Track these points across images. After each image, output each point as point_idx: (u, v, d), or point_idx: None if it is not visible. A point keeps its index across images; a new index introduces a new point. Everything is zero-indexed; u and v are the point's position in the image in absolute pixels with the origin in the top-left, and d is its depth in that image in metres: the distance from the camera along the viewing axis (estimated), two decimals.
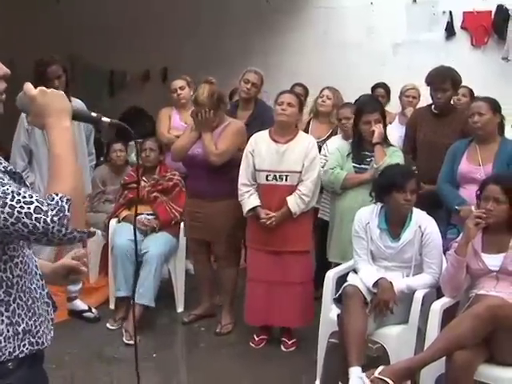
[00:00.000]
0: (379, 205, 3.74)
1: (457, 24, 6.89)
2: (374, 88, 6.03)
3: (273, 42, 7.71)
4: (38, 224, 1.37)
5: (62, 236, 1.40)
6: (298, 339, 4.32)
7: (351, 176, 4.23)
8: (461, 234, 3.49)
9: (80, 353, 4.16)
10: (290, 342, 4.30)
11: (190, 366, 4.21)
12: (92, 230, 1.51)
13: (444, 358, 3.11)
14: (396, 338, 3.55)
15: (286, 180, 4.12)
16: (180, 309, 4.93)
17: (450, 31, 6.88)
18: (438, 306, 3.40)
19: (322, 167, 4.38)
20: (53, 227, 1.38)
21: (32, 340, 1.56)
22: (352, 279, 3.68)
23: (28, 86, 1.58)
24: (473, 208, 3.59)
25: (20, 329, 1.53)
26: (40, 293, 1.61)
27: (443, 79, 4.34)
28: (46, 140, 4.43)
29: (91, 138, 4.76)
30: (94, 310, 4.79)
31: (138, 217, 4.82)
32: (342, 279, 3.86)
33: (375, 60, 7.07)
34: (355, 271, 3.78)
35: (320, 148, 4.63)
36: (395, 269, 3.68)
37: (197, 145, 4.41)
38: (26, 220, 1.37)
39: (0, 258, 1.50)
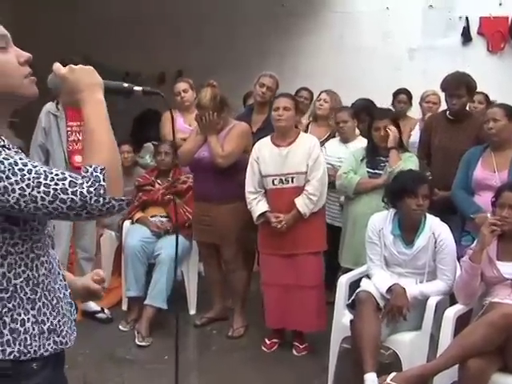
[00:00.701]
0: (393, 210, 3.73)
1: (473, 29, 6.87)
2: (396, 94, 6.02)
3: (288, 44, 7.71)
4: (75, 197, 1.36)
5: (100, 206, 1.39)
6: (310, 344, 4.31)
7: (364, 181, 4.24)
8: (475, 241, 3.48)
9: (92, 353, 4.17)
10: (301, 347, 4.29)
11: (201, 369, 4.21)
12: (129, 197, 1.48)
13: (457, 365, 3.09)
14: (409, 345, 3.53)
15: (292, 182, 4.13)
16: (192, 311, 4.94)
17: (466, 37, 6.86)
18: (451, 313, 3.39)
19: None
20: (90, 198, 1.37)
21: (56, 339, 1.55)
22: (365, 285, 3.67)
23: (57, 65, 1.59)
24: (488, 215, 3.57)
25: (45, 327, 1.53)
26: (63, 293, 1.61)
27: (458, 85, 4.32)
28: (61, 140, 4.48)
29: None
30: (106, 311, 4.81)
31: (152, 219, 4.85)
32: (354, 284, 3.85)
33: (391, 65, 7.06)
34: (368, 277, 3.77)
35: None
36: (409, 275, 3.67)
37: (203, 148, 4.43)
38: (62, 196, 1.36)
39: (28, 256, 1.50)
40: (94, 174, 1.39)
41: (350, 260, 4.35)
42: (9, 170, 1.36)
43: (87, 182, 1.38)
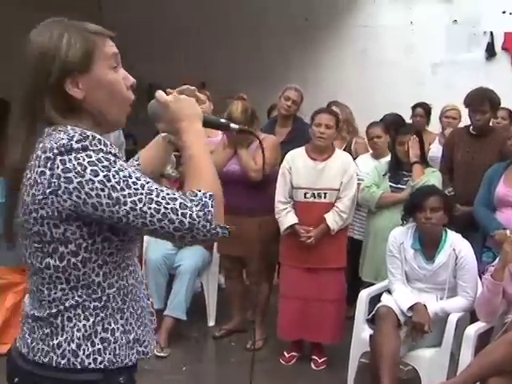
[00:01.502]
0: (414, 225, 3.72)
1: (498, 44, 6.81)
2: (414, 107, 6.01)
3: (311, 58, 7.73)
4: (184, 219, 1.36)
5: (206, 232, 1.39)
6: (329, 358, 4.29)
7: (387, 195, 4.24)
8: (497, 259, 3.45)
9: None
10: (320, 361, 4.27)
11: (218, 381, 4.22)
12: (233, 227, 1.50)
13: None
14: (429, 361, 3.51)
15: (325, 197, 4.11)
16: (211, 323, 4.94)
17: (490, 52, 6.81)
18: (472, 331, 3.36)
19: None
20: (198, 222, 1.37)
21: (139, 349, 1.56)
22: (386, 300, 3.66)
23: (160, 93, 1.61)
24: (508, 232, 3.54)
25: (131, 337, 1.53)
26: (146, 302, 1.62)
27: (481, 101, 4.31)
28: None
29: (122, 150, 4.82)
30: None
31: None
32: (375, 299, 3.84)
33: (413, 79, 7.04)
34: (389, 291, 3.75)
35: None
36: (429, 291, 3.65)
37: (232, 161, 4.42)
38: (172, 216, 1.36)
39: (119, 266, 1.51)
40: (204, 199, 1.40)
41: (371, 274, 4.34)
42: (123, 181, 1.37)
43: (196, 206, 1.38)
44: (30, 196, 1.41)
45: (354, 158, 5.11)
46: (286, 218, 4.16)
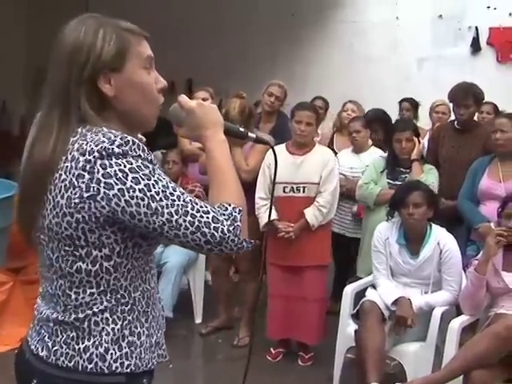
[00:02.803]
0: (399, 220, 3.72)
1: (483, 40, 6.88)
2: (400, 102, 6.03)
3: (298, 54, 7.75)
4: (215, 233, 1.37)
5: (233, 246, 1.40)
6: (316, 354, 4.29)
7: (385, 192, 4.21)
8: (481, 252, 3.46)
9: None
10: (306, 357, 4.27)
11: (205, 378, 4.22)
12: (257, 241, 1.51)
13: (461, 376, 3.07)
14: (413, 356, 3.52)
15: (304, 192, 4.10)
16: (198, 320, 4.93)
17: (475, 47, 6.86)
18: (456, 324, 3.37)
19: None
20: (228, 237, 1.38)
21: (159, 352, 1.55)
22: (370, 295, 3.67)
23: (185, 98, 1.58)
24: (492, 225, 3.55)
25: (153, 340, 1.53)
26: (161, 305, 1.62)
27: (465, 95, 4.31)
28: None
29: None
30: None
31: None
32: (361, 294, 3.84)
33: (400, 74, 7.08)
34: (374, 286, 3.76)
35: None
36: (414, 285, 3.66)
37: None
38: (205, 229, 1.36)
39: (143, 269, 1.50)
40: (234, 213, 1.41)
41: (367, 270, 4.32)
42: (162, 192, 1.36)
43: (227, 221, 1.39)
44: (64, 198, 1.37)
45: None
46: (266, 214, 4.11)
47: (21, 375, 1.54)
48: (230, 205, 1.42)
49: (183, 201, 1.37)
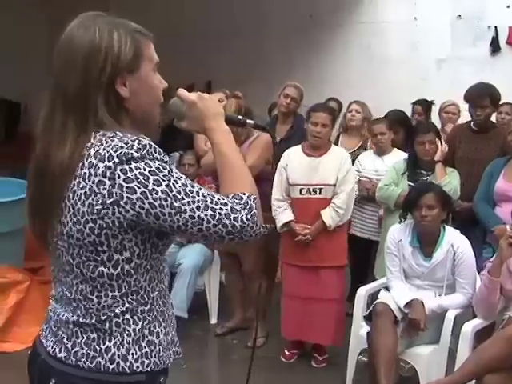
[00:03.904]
0: (412, 222, 3.70)
1: (502, 39, 6.78)
2: (413, 105, 5.98)
3: (316, 55, 7.74)
4: (236, 224, 1.40)
5: (253, 233, 1.43)
6: (330, 356, 4.28)
7: (406, 193, 4.18)
8: (495, 254, 3.43)
9: None
10: (321, 358, 4.26)
11: (219, 378, 4.23)
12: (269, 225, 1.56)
13: (473, 381, 3.05)
14: (426, 359, 3.50)
15: (320, 193, 4.09)
16: (213, 320, 4.95)
17: (495, 47, 6.77)
18: (469, 328, 3.34)
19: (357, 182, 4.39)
20: (248, 225, 1.41)
21: (174, 349, 1.57)
22: (383, 297, 3.65)
23: (184, 91, 1.61)
24: (508, 227, 3.51)
25: (169, 338, 1.55)
26: (171, 303, 1.65)
27: (482, 96, 4.27)
28: None
29: None
30: None
31: None
32: (375, 296, 3.83)
33: (418, 75, 7.02)
34: (387, 289, 3.74)
35: (352, 161, 4.61)
36: (427, 288, 3.63)
37: None
38: (225, 221, 1.39)
39: (159, 269, 1.52)
40: (249, 202, 1.44)
41: (384, 272, 4.30)
42: (182, 190, 1.38)
43: (244, 210, 1.42)
44: (85, 206, 1.38)
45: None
46: (282, 215, 4.15)
47: (36, 375, 1.55)
48: (244, 194, 1.46)
49: (202, 196, 1.39)
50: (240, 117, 1.80)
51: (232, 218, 1.40)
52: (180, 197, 1.37)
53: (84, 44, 1.42)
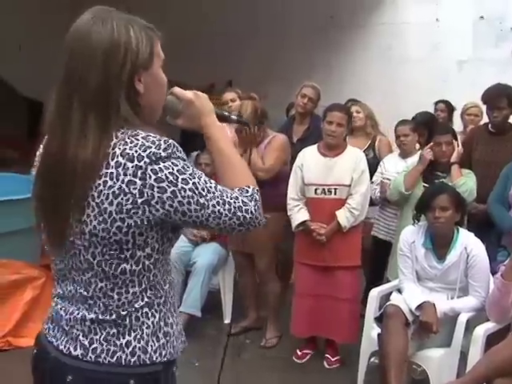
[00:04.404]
0: (425, 224, 3.67)
1: None
2: (436, 103, 5.95)
3: (336, 56, 7.70)
4: (247, 215, 1.48)
5: (258, 223, 1.51)
6: (342, 356, 4.27)
7: (410, 171, 4.20)
8: (509, 258, 3.39)
9: None
10: (333, 359, 4.25)
11: (229, 377, 4.20)
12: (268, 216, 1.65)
13: None
14: (438, 362, 3.47)
15: (335, 194, 4.08)
16: (227, 320, 4.96)
17: None
18: (481, 331, 3.31)
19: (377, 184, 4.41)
20: (256, 216, 1.50)
21: (183, 339, 1.61)
22: (395, 298, 3.63)
23: (180, 90, 1.65)
24: None
25: (179, 328, 1.59)
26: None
27: (499, 97, 4.23)
28: None
29: None
30: None
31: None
32: (388, 298, 3.80)
33: (439, 77, 6.95)
34: (399, 290, 3.72)
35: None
36: (440, 290, 3.60)
37: None
38: (239, 213, 1.47)
39: (167, 262, 1.56)
40: (254, 194, 1.53)
41: (397, 274, 4.28)
42: (205, 187, 1.44)
43: (251, 202, 1.51)
44: (113, 205, 1.38)
45: (376, 157, 5.09)
46: (298, 214, 4.15)
47: (46, 374, 1.54)
48: (249, 187, 1.54)
49: (219, 191, 1.46)
50: (225, 112, 1.85)
51: (244, 210, 1.47)
52: (204, 193, 1.43)
53: (103, 39, 1.41)
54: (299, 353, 4.33)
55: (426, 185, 4.17)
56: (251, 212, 1.48)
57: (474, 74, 6.77)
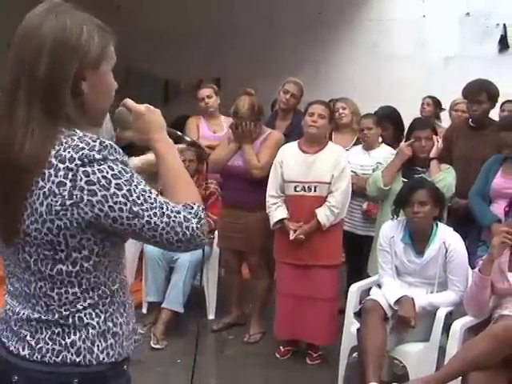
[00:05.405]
0: (404, 219, 3.67)
1: (511, 37, 6.71)
2: (423, 99, 5.97)
3: (323, 53, 7.70)
4: (187, 232, 1.41)
5: (199, 242, 1.44)
6: (325, 353, 4.26)
7: (388, 166, 4.18)
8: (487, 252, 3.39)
9: None
10: (315, 355, 4.23)
11: (211, 374, 4.22)
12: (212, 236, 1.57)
13: (460, 378, 3.02)
14: (417, 356, 3.46)
15: (315, 191, 4.04)
16: (211, 316, 4.94)
17: (503, 44, 6.71)
18: (458, 326, 3.31)
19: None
20: (197, 234, 1.42)
21: (135, 337, 1.59)
22: (374, 294, 3.62)
23: (132, 102, 1.63)
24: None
25: (130, 327, 1.57)
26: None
27: (478, 91, 4.24)
28: None
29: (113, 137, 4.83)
30: None
31: None
32: (368, 293, 3.80)
33: (425, 73, 6.97)
34: (379, 285, 3.71)
35: None
36: (419, 285, 3.60)
37: (236, 157, 4.39)
38: (178, 229, 1.40)
39: (117, 261, 1.53)
40: (198, 212, 1.45)
41: (377, 269, 4.28)
42: (142, 195, 1.39)
43: (194, 219, 1.43)
44: (44, 206, 1.37)
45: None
46: (276, 212, 4.11)
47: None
48: (194, 204, 1.46)
49: (159, 202, 1.41)
50: (179, 132, 1.79)
51: (184, 226, 1.41)
52: (139, 202, 1.38)
53: (55, 32, 1.39)
54: (282, 349, 4.32)
55: (405, 180, 4.16)
56: (192, 229, 1.41)
57: (461, 70, 6.76)
